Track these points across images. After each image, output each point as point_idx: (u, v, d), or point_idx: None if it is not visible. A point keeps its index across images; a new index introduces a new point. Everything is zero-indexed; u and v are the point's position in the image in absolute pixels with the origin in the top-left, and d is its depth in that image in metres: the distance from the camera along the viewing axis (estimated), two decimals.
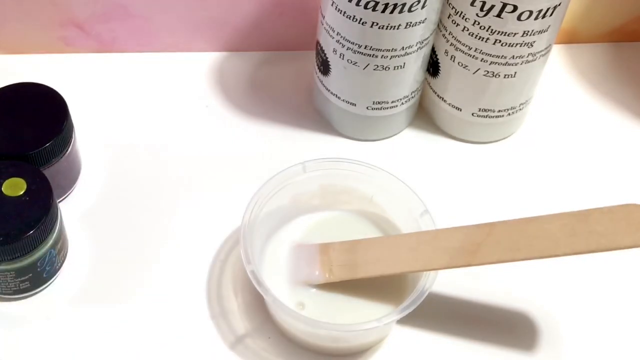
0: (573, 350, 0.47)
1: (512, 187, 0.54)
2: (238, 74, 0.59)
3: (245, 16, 0.58)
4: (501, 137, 0.57)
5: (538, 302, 0.48)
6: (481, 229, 0.42)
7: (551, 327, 0.47)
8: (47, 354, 0.44)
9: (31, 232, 0.42)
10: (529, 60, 0.50)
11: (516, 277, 0.49)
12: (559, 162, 0.56)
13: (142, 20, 0.57)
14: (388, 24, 0.48)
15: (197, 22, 0.58)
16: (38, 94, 0.49)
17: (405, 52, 0.50)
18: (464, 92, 0.53)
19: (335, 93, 0.53)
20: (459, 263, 0.42)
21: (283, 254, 0.47)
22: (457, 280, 0.48)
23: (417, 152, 0.55)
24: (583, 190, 0.54)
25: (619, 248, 0.39)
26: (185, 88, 0.58)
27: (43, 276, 0.45)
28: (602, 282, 0.50)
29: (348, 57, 0.50)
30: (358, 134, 0.55)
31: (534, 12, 0.47)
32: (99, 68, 0.58)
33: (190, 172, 0.53)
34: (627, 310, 0.49)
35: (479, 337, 0.46)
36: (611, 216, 0.40)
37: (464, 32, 0.50)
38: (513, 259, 0.41)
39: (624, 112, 0.59)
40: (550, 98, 0.59)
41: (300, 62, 0.59)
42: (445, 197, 0.52)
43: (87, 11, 0.56)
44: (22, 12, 0.56)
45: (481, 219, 0.43)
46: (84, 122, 0.53)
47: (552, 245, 0.40)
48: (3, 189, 0.44)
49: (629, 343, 0.47)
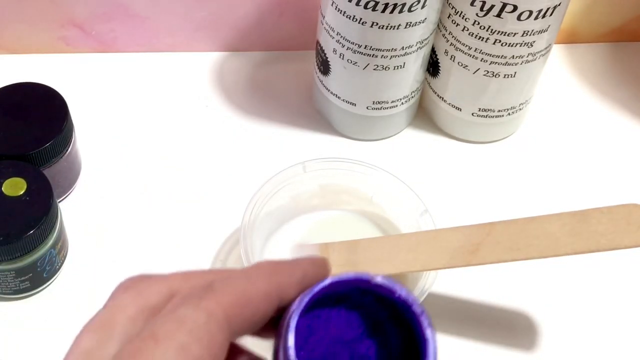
0: (573, 350, 0.47)
1: (512, 187, 0.54)
2: (238, 74, 0.59)
3: (245, 16, 0.58)
4: (501, 137, 0.57)
5: (538, 302, 0.48)
6: (481, 229, 0.42)
7: (551, 327, 0.47)
8: (47, 354, 0.44)
9: (31, 232, 0.42)
10: (528, 60, 0.50)
11: (516, 277, 0.49)
12: (559, 162, 0.56)
13: (142, 20, 0.57)
14: (388, 24, 0.48)
15: (197, 22, 0.58)
16: (38, 94, 0.49)
17: (405, 52, 0.50)
18: (464, 92, 0.53)
19: (335, 93, 0.53)
20: (458, 263, 0.42)
21: (283, 254, 0.47)
22: (457, 281, 0.48)
23: (417, 152, 0.55)
24: (583, 190, 0.54)
25: (619, 248, 0.40)
26: (185, 88, 0.58)
27: (43, 276, 0.45)
28: (602, 282, 0.50)
29: (348, 57, 0.50)
30: (358, 134, 0.55)
31: (533, 12, 0.47)
32: (99, 68, 0.58)
33: (190, 172, 0.53)
34: (627, 310, 0.49)
35: (479, 337, 0.46)
36: (611, 216, 0.40)
37: (464, 32, 0.50)
38: (513, 259, 0.41)
39: (623, 112, 0.59)
40: (550, 98, 0.59)
41: (300, 62, 0.59)
42: (445, 197, 0.52)
43: (87, 11, 0.56)
44: (22, 12, 0.56)
45: (481, 218, 0.43)
46: (84, 122, 0.53)
47: (552, 245, 0.40)
48: (3, 189, 0.44)
49: (629, 343, 0.47)
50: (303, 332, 0.26)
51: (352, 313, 0.27)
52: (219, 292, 0.25)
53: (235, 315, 0.25)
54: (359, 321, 0.27)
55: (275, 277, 0.26)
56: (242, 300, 0.25)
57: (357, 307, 0.27)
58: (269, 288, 0.26)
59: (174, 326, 0.24)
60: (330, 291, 0.26)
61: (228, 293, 0.25)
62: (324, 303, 0.27)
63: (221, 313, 0.24)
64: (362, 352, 0.26)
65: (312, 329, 0.27)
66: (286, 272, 0.26)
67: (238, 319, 0.25)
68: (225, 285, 0.25)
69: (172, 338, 0.23)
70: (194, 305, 0.24)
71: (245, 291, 0.25)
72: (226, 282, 0.25)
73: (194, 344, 0.23)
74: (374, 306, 0.27)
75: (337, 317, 0.27)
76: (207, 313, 0.24)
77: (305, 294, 0.26)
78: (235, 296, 0.25)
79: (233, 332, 0.25)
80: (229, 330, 0.25)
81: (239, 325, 0.25)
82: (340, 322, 0.27)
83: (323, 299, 0.27)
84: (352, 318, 0.27)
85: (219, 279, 0.26)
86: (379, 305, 0.27)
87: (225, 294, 0.25)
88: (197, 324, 0.24)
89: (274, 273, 0.26)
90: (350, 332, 0.27)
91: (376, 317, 0.27)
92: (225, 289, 0.25)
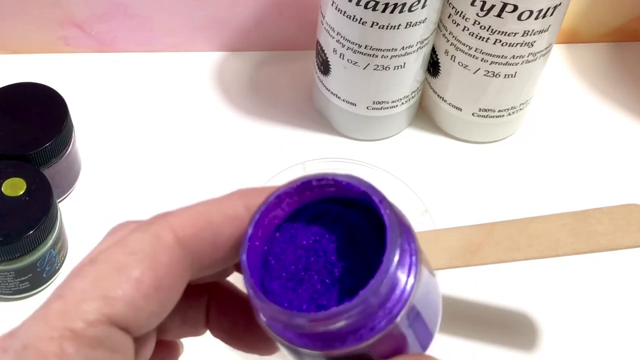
0: (574, 350, 0.47)
1: (512, 187, 0.54)
2: (238, 74, 0.59)
3: (245, 16, 0.58)
4: (501, 137, 0.57)
5: (538, 302, 0.48)
6: (481, 229, 0.42)
7: (552, 328, 0.47)
8: None
9: (31, 232, 0.42)
10: (529, 60, 0.50)
11: (516, 277, 0.48)
12: (560, 162, 0.56)
13: (141, 20, 0.57)
14: (388, 24, 0.47)
15: (197, 22, 0.58)
16: (38, 94, 0.49)
17: (406, 52, 0.50)
18: (465, 92, 0.53)
19: (336, 93, 0.53)
20: (458, 263, 0.42)
21: None
22: (457, 281, 0.48)
23: (417, 152, 0.55)
24: (583, 190, 0.54)
25: (620, 248, 0.39)
26: (185, 88, 0.58)
27: (43, 276, 0.45)
28: (603, 282, 0.50)
29: (348, 57, 0.50)
30: (358, 134, 0.55)
31: (534, 11, 0.47)
32: (99, 68, 0.58)
33: (190, 172, 0.53)
34: (628, 310, 0.49)
35: (480, 338, 0.46)
36: (611, 216, 0.40)
37: (464, 31, 0.50)
38: (513, 259, 0.41)
39: (624, 112, 0.59)
40: (550, 98, 0.59)
41: (300, 62, 0.59)
42: (446, 197, 0.52)
43: (87, 11, 0.56)
44: (21, 12, 0.56)
45: (481, 219, 0.43)
46: (84, 122, 0.53)
47: (553, 245, 0.40)
48: (3, 189, 0.44)
49: (630, 343, 0.47)
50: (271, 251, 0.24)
51: (330, 228, 0.24)
52: (173, 215, 0.24)
53: (191, 238, 0.23)
54: (338, 235, 0.24)
55: (244, 199, 0.24)
56: (199, 222, 0.24)
57: (337, 221, 0.24)
58: (235, 210, 0.24)
59: (115, 249, 0.23)
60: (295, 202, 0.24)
61: (183, 216, 0.24)
62: (298, 219, 0.24)
63: (170, 235, 0.23)
64: (342, 265, 0.24)
65: (281, 247, 0.24)
66: (258, 195, 0.24)
67: (195, 242, 0.23)
68: (184, 209, 0.24)
69: (109, 259, 0.23)
70: (143, 229, 0.23)
71: (205, 213, 0.24)
72: (186, 207, 0.24)
73: (133, 265, 0.22)
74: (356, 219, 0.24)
75: (313, 232, 0.24)
76: (154, 235, 0.23)
77: (260, 205, 0.24)
78: (191, 218, 0.24)
79: (192, 256, 0.23)
80: (183, 254, 0.23)
81: (200, 249, 0.23)
82: (316, 237, 0.24)
83: (296, 215, 0.24)
84: (331, 232, 0.24)
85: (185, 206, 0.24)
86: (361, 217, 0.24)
87: (180, 217, 0.24)
88: (140, 247, 0.23)
89: (243, 195, 0.25)
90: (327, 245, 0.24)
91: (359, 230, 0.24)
92: (181, 212, 0.24)
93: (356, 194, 0.24)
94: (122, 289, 0.22)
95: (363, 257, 0.24)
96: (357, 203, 0.24)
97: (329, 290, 0.23)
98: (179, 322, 0.27)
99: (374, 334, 0.22)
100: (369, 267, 0.23)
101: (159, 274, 0.23)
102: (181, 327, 0.27)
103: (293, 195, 0.24)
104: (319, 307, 0.23)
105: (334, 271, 0.24)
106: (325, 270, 0.24)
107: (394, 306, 0.22)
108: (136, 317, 0.22)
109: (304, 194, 0.24)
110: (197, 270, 0.24)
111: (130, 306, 0.22)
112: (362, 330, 0.22)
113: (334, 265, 0.24)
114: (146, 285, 0.22)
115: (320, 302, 0.23)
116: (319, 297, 0.23)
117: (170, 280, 0.23)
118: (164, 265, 0.23)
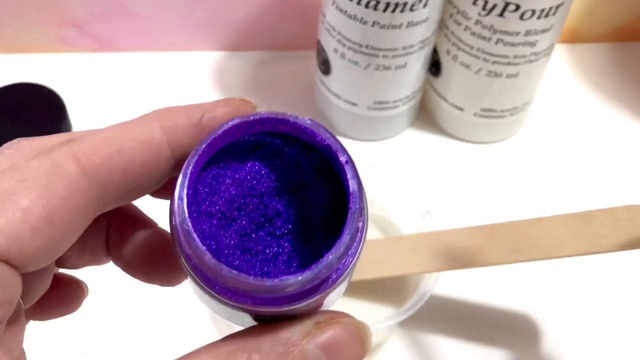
0: (575, 350, 0.46)
1: (514, 188, 0.54)
2: (238, 74, 0.59)
3: (245, 16, 0.58)
4: (503, 137, 0.56)
5: (540, 303, 0.48)
6: (483, 230, 0.42)
7: (554, 329, 0.47)
8: (47, 354, 0.44)
9: None
10: (531, 59, 0.50)
11: (519, 278, 0.48)
12: (562, 162, 0.56)
13: (141, 20, 0.57)
14: (389, 23, 0.47)
15: (197, 22, 0.58)
16: (36, 94, 0.49)
17: (407, 52, 0.49)
18: (466, 92, 0.53)
19: (336, 93, 0.53)
20: (461, 265, 0.42)
21: None
22: (459, 282, 0.47)
23: (418, 153, 0.55)
24: (586, 190, 0.54)
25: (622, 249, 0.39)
26: (185, 88, 0.58)
27: None
28: (605, 283, 0.49)
29: (349, 57, 0.50)
30: (359, 134, 0.55)
31: (536, 11, 0.47)
32: (98, 68, 0.58)
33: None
34: (629, 311, 0.48)
35: (482, 339, 0.46)
36: (614, 217, 0.39)
37: (466, 31, 0.49)
38: (515, 261, 0.41)
39: (626, 112, 0.59)
40: (552, 98, 0.59)
41: (300, 62, 0.59)
42: (447, 198, 0.52)
43: (86, 10, 0.56)
44: (20, 12, 0.56)
45: (483, 219, 0.43)
46: (82, 122, 0.53)
47: (555, 246, 0.40)
48: None
49: (630, 343, 0.47)
50: (204, 184, 0.22)
51: (269, 164, 0.22)
52: (77, 141, 0.21)
53: (99, 165, 0.21)
54: (277, 173, 0.22)
55: (161, 121, 0.22)
56: (108, 149, 0.21)
57: (277, 157, 0.23)
58: (150, 134, 0.22)
59: (7, 175, 0.21)
60: (240, 135, 0.22)
61: (89, 142, 0.21)
62: (235, 153, 0.22)
63: (72, 164, 0.21)
64: (276, 207, 0.22)
65: (216, 181, 0.22)
66: (178, 115, 0.22)
67: (104, 169, 0.21)
68: (90, 133, 0.22)
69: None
70: (42, 155, 0.21)
71: (115, 138, 0.22)
72: (93, 131, 0.22)
73: (21, 194, 0.20)
74: (298, 157, 0.23)
75: (250, 168, 0.22)
76: (53, 162, 0.21)
77: (205, 137, 0.21)
78: (98, 144, 0.21)
79: (99, 188, 0.21)
80: (86, 184, 0.21)
81: (107, 179, 0.21)
82: (252, 173, 0.22)
83: (233, 148, 0.22)
84: (269, 169, 0.22)
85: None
86: (303, 155, 0.23)
87: (85, 143, 0.21)
88: (34, 174, 0.20)
89: (160, 117, 0.22)
90: (263, 184, 0.22)
91: (300, 169, 0.23)
92: (88, 137, 0.22)
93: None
94: (5, 218, 0.20)
95: (298, 199, 0.22)
96: (299, 139, 0.22)
97: (259, 233, 0.22)
98: (76, 249, 0.25)
99: (309, 299, 0.21)
100: (303, 209, 0.22)
101: (51, 205, 0.20)
102: (80, 254, 0.25)
103: (243, 129, 0.22)
104: (244, 251, 0.22)
105: (267, 213, 0.22)
106: (258, 212, 0.22)
107: (337, 277, 0.21)
108: (20, 252, 0.20)
109: (254, 127, 0.22)
110: (105, 203, 0.22)
111: (12, 238, 0.20)
112: (297, 296, 0.21)
113: (267, 208, 0.22)
114: (34, 217, 0.20)
115: (248, 245, 0.22)
116: (247, 239, 0.22)
117: (66, 213, 0.21)
118: (58, 196, 0.20)
